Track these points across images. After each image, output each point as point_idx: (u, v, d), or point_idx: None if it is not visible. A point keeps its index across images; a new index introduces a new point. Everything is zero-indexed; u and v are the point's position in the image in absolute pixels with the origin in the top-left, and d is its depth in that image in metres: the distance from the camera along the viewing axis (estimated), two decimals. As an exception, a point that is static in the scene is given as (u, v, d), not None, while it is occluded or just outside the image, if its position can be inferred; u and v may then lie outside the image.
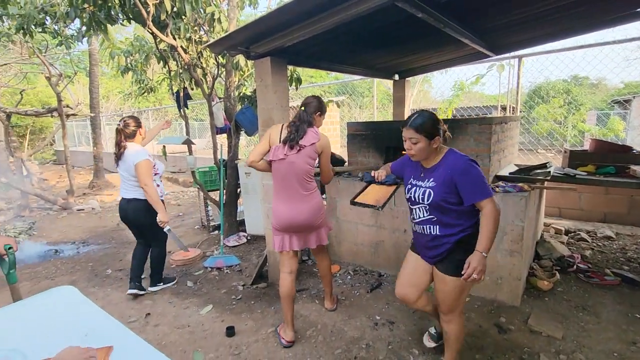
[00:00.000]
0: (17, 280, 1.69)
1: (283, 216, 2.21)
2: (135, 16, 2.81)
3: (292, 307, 2.29)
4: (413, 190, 1.75)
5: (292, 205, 2.20)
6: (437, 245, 1.70)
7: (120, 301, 3.00)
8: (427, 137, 1.63)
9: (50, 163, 14.73)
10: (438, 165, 1.69)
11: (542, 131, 7.58)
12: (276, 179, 2.25)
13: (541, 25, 3.10)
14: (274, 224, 2.27)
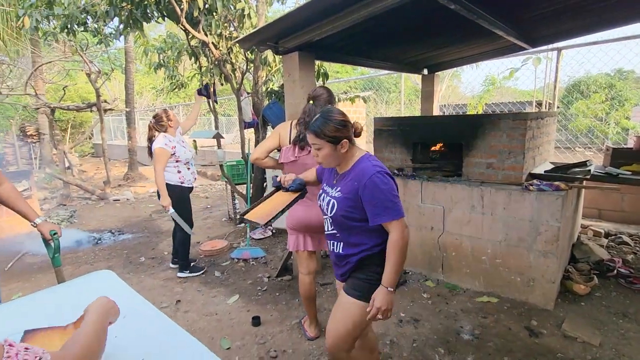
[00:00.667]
0: (61, 263, 1.81)
1: (298, 216, 2.11)
2: (169, 13, 2.91)
3: (314, 306, 2.25)
4: (322, 197, 1.52)
5: (305, 206, 2.08)
6: (342, 265, 1.51)
7: (152, 287, 3.14)
8: (330, 142, 1.39)
9: (88, 156, 15.58)
10: (349, 172, 1.45)
11: (581, 128, 7.17)
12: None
13: (583, 15, 2.92)
14: (289, 223, 2.17)
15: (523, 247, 2.51)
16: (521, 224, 2.49)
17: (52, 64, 9.95)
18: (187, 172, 3.19)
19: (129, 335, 1.14)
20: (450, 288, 2.81)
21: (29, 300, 1.43)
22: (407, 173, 3.23)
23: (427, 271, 3.06)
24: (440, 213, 2.88)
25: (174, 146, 3.09)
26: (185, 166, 3.17)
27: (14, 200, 1.77)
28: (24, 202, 1.81)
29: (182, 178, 3.12)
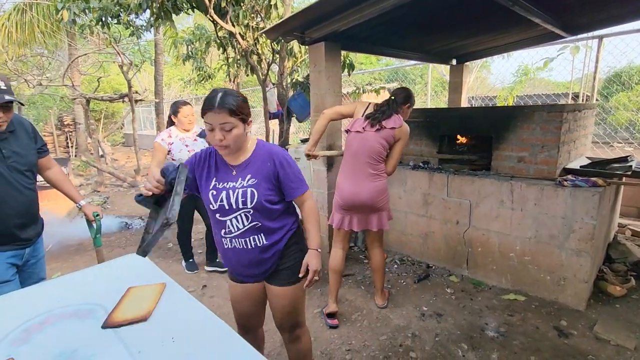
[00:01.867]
0: (102, 244, 1.93)
1: (347, 193, 2.21)
2: (198, 4, 2.96)
3: (339, 281, 2.39)
4: (224, 195, 1.34)
5: (357, 182, 2.19)
6: (266, 259, 1.42)
7: (180, 272, 3.27)
8: (243, 121, 1.28)
9: (119, 145, 16.23)
10: (252, 157, 1.37)
11: (621, 122, 6.75)
12: (348, 152, 2.27)
13: (626, 2, 2.72)
14: (337, 200, 2.29)
15: (554, 244, 2.41)
16: (553, 220, 2.39)
17: (87, 57, 10.37)
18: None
19: (158, 316, 1.19)
20: (475, 284, 2.76)
21: (68, 279, 1.52)
22: (433, 166, 3.17)
23: (451, 266, 3.01)
24: (466, 207, 2.81)
25: (171, 143, 2.81)
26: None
27: (62, 182, 1.91)
28: (71, 185, 1.95)
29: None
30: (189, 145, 2.88)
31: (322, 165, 2.98)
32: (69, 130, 11.22)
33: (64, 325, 1.17)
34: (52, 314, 1.24)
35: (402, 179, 3.19)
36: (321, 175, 3.01)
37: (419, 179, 3.09)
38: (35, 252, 1.80)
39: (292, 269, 1.45)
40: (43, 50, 9.63)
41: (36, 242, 1.78)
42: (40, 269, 1.84)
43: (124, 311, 1.22)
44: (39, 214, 1.79)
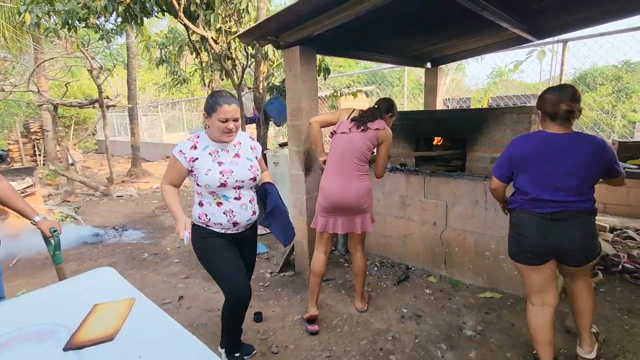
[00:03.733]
0: (62, 260, 1.81)
1: (333, 194, 2.20)
2: (168, 8, 2.89)
3: (319, 284, 2.37)
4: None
5: (343, 183, 2.19)
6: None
7: (155, 283, 3.16)
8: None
9: (92, 152, 15.65)
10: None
11: (587, 121, 7.08)
12: (333, 153, 2.27)
13: (590, 6, 2.86)
14: (321, 203, 2.27)
15: (527, 242, 2.48)
16: (525, 219, 2.45)
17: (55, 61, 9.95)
18: (215, 209, 1.75)
19: (126, 334, 1.13)
20: (453, 284, 2.80)
21: (30, 297, 1.43)
22: (410, 168, 3.21)
23: (429, 267, 3.05)
24: (443, 208, 2.86)
25: (195, 158, 1.70)
26: (212, 197, 1.75)
27: (12, 198, 1.74)
28: (22, 201, 1.78)
29: (204, 216, 1.78)
30: (223, 164, 1.74)
31: (299, 169, 2.96)
32: (36, 138, 10.71)
33: (22, 348, 1.10)
34: (11, 337, 1.16)
35: (380, 181, 3.21)
36: (299, 180, 2.99)
37: (397, 181, 3.12)
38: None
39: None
40: (6, 54, 9.18)
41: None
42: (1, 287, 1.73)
43: (88, 331, 1.15)
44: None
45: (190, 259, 3.65)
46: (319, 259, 2.36)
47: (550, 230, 1.59)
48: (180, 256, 3.74)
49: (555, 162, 1.57)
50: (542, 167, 1.59)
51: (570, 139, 1.58)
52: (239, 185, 1.76)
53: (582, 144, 1.57)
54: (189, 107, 15.81)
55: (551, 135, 1.61)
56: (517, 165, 1.66)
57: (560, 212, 1.57)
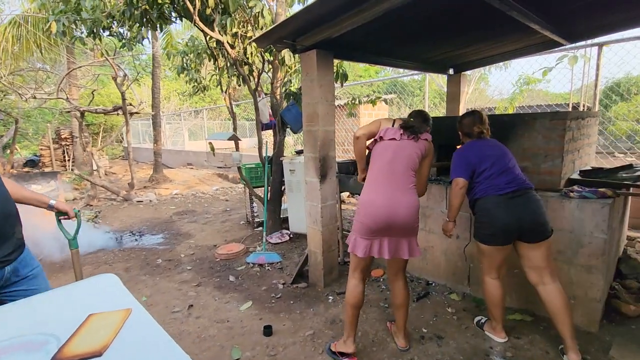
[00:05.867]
0: (78, 246, 1.82)
1: (380, 209, 1.84)
2: (185, 12, 2.89)
3: (357, 316, 2.02)
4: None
5: (393, 195, 1.86)
6: None
7: (167, 290, 3.10)
8: None
9: (119, 158, 16.18)
10: None
11: (621, 132, 6.65)
12: (379, 163, 1.95)
13: (627, 6, 2.63)
14: (364, 221, 1.88)
15: (562, 260, 2.26)
16: (560, 234, 2.24)
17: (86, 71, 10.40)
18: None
19: (116, 349, 1.04)
20: (477, 302, 2.59)
21: (27, 303, 1.37)
22: (431, 177, 3.03)
23: (451, 283, 2.85)
24: (466, 220, 2.66)
25: None
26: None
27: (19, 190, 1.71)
28: (30, 191, 1.78)
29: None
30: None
31: (315, 176, 2.85)
32: (66, 144, 11.16)
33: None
34: (1, 347, 1.09)
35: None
36: (314, 187, 2.88)
37: (417, 190, 2.95)
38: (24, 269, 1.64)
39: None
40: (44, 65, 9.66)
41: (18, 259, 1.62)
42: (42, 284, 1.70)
43: (77, 344, 1.06)
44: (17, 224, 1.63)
45: (203, 266, 3.60)
46: (358, 289, 1.97)
47: (514, 207, 1.93)
48: (194, 263, 3.69)
49: (497, 154, 2.05)
50: (493, 160, 2.02)
51: (493, 142, 2.15)
52: None
53: (497, 143, 2.14)
54: (210, 115, 16.13)
55: (478, 141, 2.13)
56: (475, 164, 2.04)
57: (517, 190, 1.95)
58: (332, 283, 3.01)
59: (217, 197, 7.13)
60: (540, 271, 1.96)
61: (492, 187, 1.97)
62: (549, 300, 1.94)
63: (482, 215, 2.02)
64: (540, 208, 1.94)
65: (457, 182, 2.05)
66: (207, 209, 6.20)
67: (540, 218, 1.92)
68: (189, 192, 7.69)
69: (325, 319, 2.50)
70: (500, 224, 1.93)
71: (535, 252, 1.94)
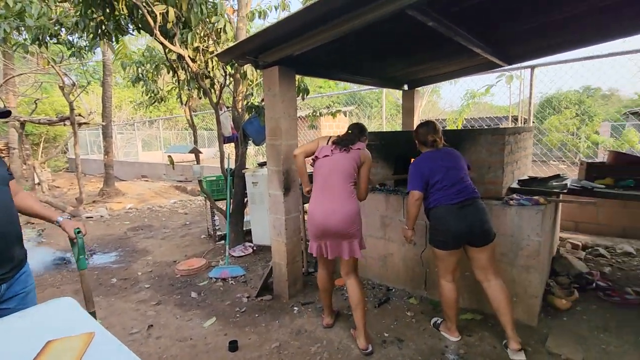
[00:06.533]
0: (86, 266, 1.75)
1: (318, 217, 2.18)
2: (144, 25, 2.84)
3: (330, 298, 2.51)
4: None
5: (330, 205, 2.16)
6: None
7: (123, 311, 2.96)
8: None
9: (62, 170, 15.00)
10: None
11: (554, 143, 7.42)
12: (319, 176, 2.26)
13: (553, 34, 3.04)
14: (309, 227, 2.27)
15: (506, 262, 2.50)
16: (503, 239, 2.48)
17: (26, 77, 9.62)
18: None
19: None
20: (434, 305, 2.76)
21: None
22: (390, 188, 3.21)
23: (410, 288, 3.01)
24: (422, 228, 2.85)
25: None
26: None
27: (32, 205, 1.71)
28: (42, 205, 1.76)
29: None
30: None
31: (278, 189, 2.90)
32: (1, 156, 10.16)
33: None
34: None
35: (360, 201, 3.19)
36: (278, 200, 2.93)
37: (377, 201, 3.11)
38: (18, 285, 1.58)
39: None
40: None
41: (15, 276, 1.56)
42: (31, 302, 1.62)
43: (37, 373, 1.03)
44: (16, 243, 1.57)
45: (162, 283, 3.47)
46: (322, 275, 2.42)
47: (464, 215, 2.10)
48: (152, 281, 3.55)
49: (448, 167, 2.18)
50: (444, 172, 2.16)
51: (445, 152, 2.26)
52: None
53: (452, 153, 2.28)
54: (167, 125, 15.55)
55: (432, 152, 2.26)
56: (428, 176, 2.18)
57: (466, 199, 2.12)
58: (297, 294, 3.05)
59: (176, 211, 6.88)
60: (485, 270, 2.17)
61: (444, 197, 2.14)
62: (493, 296, 2.14)
63: (436, 223, 2.19)
64: (485, 215, 2.15)
65: (413, 194, 2.21)
66: (164, 223, 5.97)
67: (486, 225, 2.12)
68: (144, 206, 7.34)
69: (291, 330, 2.53)
70: (452, 230, 2.10)
71: (481, 254, 2.15)
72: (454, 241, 2.13)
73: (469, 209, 2.11)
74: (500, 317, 2.13)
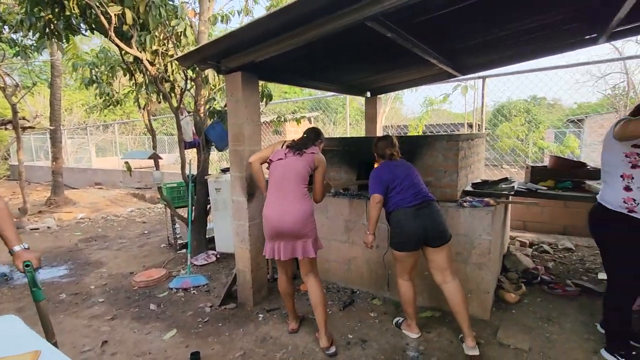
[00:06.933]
0: (43, 297, 1.63)
1: (272, 219, 2.23)
2: (98, 26, 2.70)
3: (292, 302, 2.52)
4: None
5: (282, 207, 2.22)
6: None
7: (74, 328, 2.77)
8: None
9: (3, 179, 13.75)
10: None
11: (506, 148, 7.97)
12: (273, 179, 2.31)
13: (501, 49, 3.30)
14: (264, 229, 2.32)
15: (460, 260, 2.64)
16: (458, 238, 2.62)
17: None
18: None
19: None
20: (396, 305, 2.85)
21: None
22: (353, 192, 3.29)
23: (374, 289, 3.09)
24: (384, 231, 2.94)
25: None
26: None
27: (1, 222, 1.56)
28: (11, 225, 1.60)
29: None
30: None
31: (241, 195, 2.87)
32: None
33: None
34: None
35: (324, 206, 3.24)
36: (241, 206, 2.90)
37: (340, 205, 3.17)
38: None
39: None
40: None
41: None
42: None
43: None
44: None
45: (118, 296, 3.29)
46: (281, 279, 2.44)
47: (420, 217, 2.20)
48: (107, 294, 3.35)
49: (407, 174, 2.32)
50: (402, 177, 2.29)
51: (402, 163, 2.41)
52: None
53: (408, 164, 2.44)
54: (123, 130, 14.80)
55: (390, 162, 2.40)
56: (388, 181, 2.29)
57: (422, 202, 2.24)
58: (262, 301, 3.02)
59: (133, 220, 6.55)
60: (443, 271, 2.27)
61: (402, 200, 2.24)
62: (450, 296, 2.25)
63: (394, 225, 2.28)
64: (441, 217, 2.27)
65: (374, 197, 2.30)
66: (121, 233, 5.66)
67: (441, 226, 2.24)
68: (98, 216, 6.91)
69: (256, 338, 2.50)
70: (409, 232, 2.20)
71: (438, 255, 2.26)
72: (412, 243, 2.22)
73: (425, 211, 2.21)
74: (456, 315, 2.24)
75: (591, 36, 3.01)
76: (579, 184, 3.07)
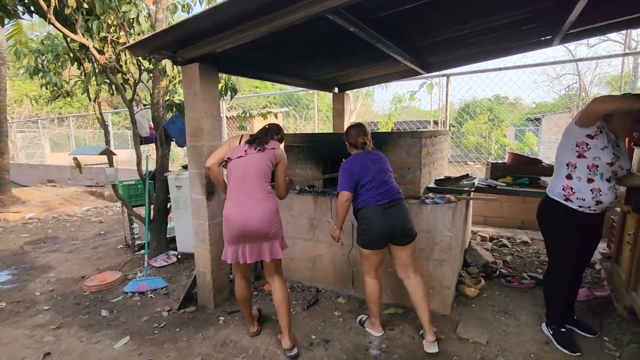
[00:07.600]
0: None
1: (236, 220, 2.08)
2: (36, 8, 2.45)
3: (250, 307, 2.41)
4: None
5: (246, 207, 2.09)
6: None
7: (14, 339, 2.53)
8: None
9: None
10: None
11: (470, 145, 8.24)
12: (232, 179, 2.18)
13: (463, 47, 3.34)
14: (225, 232, 2.15)
15: (423, 257, 2.66)
16: (420, 235, 2.63)
17: None
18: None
19: None
20: (360, 303, 2.84)
21: None
22: (318, 190, 3.23)
23: (338, 288, 3.06)
24: (349, 229, 2.91)
25: None
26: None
27: None
28: None
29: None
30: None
31: (201, 193, 2.74)
32: None
33: None
34: None
35: (288, 203, 3.16)
36: (201, 205, 2.76)
37: (305, 203, 3.10)
38: None
39: None
40: None
41: None
42: None
43: None
44: None
45: (66, 303, 3.05)
46: (240, 284, 2.31)
47: (388, 216, 2.17)
48: (53, 301, 3.10)
49: (377, 169, 2.24)
50: (374, 174, 2.22)
51: (374, 154, 2.33)
52: None
53: (380, 155, 2.36)
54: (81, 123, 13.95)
55: (362, 154, 2.30)
56: (358, 177, 2.22)
57: (391, 201, 2.20)
58: (223, 303, 2.91)
59: (89, 220, 6.16)
60: (406, 268, 2.28)
61: (371, 198, 2.19)
62: (412, 292, 2.26)
63: (362, 223, 2.24)
64: (408, 216, 2.25)
65: (342, 195, 2.24)
66: (74, 234, 5.29)
67: (409, 225, 2.23)
68: (49, 215, 6.43)
69: (216, 342, 2.40)
70: (376, 231, 2.17)
71: (403, 252, 2.25)
72: (379, 241, 2.20)
73: (393, 210, 2.19)
74: (418, 311, 2.26)
75: (546, 37, 3.12)
76: (535, 180, 3.18)
